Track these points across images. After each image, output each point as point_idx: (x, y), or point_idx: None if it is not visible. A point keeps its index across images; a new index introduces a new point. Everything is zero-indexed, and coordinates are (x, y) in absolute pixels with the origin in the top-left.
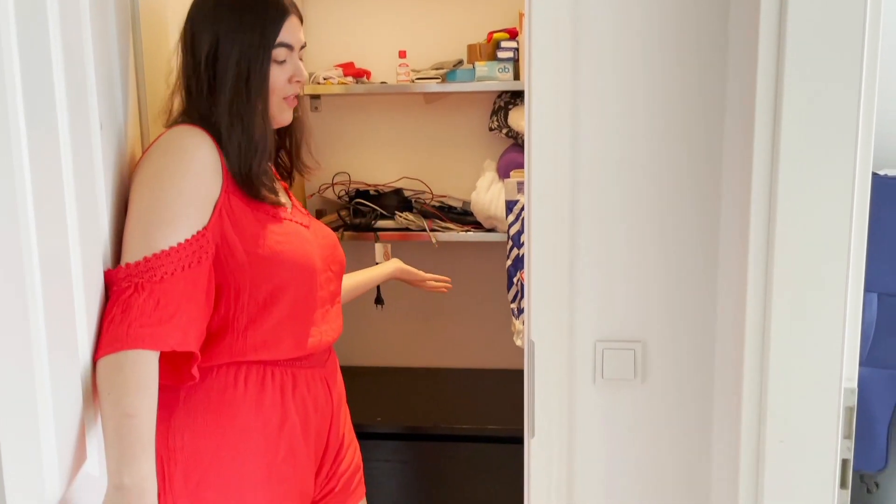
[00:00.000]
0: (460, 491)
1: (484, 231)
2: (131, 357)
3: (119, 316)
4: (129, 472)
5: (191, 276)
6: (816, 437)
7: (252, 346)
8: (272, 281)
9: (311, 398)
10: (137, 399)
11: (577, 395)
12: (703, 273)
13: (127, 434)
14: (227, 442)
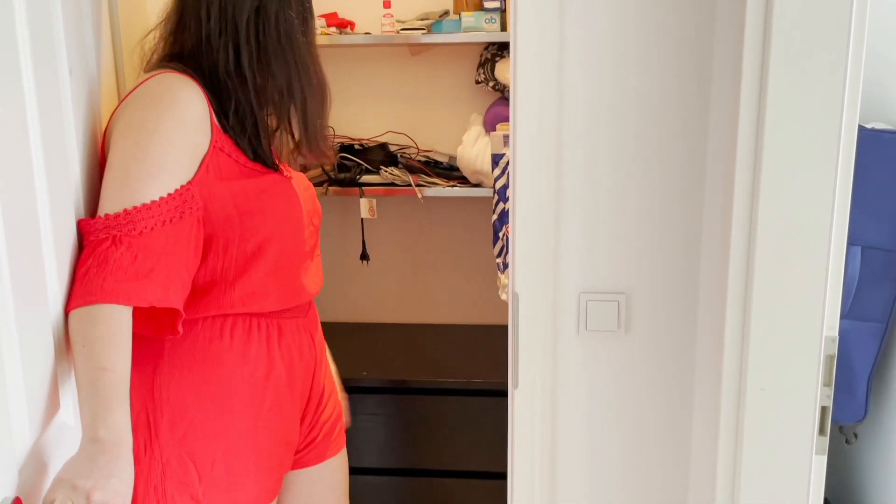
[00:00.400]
0: (446, 443)
1: (470, 186)
2: (105, 311)
3: (95, 269)
4: (105, 424)
5: (172, 231)
6: (797, 384)
7: (240, 299)
8: (260, 234)
9: (297, 348)
10: (112, 352)
11: (560, 347)
12: (688, 225)
13: (102, 388)
14: (213, 393)
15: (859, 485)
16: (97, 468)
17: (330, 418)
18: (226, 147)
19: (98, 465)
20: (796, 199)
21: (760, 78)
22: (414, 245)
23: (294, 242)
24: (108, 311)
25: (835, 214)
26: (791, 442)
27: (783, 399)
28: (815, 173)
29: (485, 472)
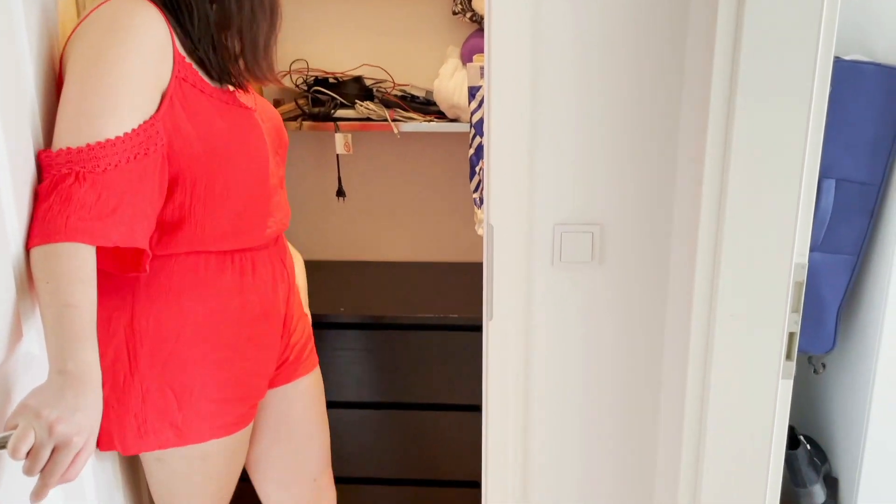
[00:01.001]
0: (423, 376)
1: (447, 121)
2: (70, 249)
3: (58, 206)
4: (73, 358)
5: (137, 169)
6: (766, 311)
7: (211, 237)
8: (227, 171)
9: (270, 278)
10: (77, 289)
11: (535, 278)
12: (662, 156)
13: (69, 323)
14: (190, 325)
15: (825, 414)
16: (63, 400)
17: (300, 340)
18: (189, 77)
19: (65, 397)
20: (770, 128)
21: (736, 8)
22: (390, 181)
23: (262, 178)
24: (73, 249)
25: (808, 143)
26: (758, 367)
27: (752, 325)
28: (789, 103)
29: (461, 404)
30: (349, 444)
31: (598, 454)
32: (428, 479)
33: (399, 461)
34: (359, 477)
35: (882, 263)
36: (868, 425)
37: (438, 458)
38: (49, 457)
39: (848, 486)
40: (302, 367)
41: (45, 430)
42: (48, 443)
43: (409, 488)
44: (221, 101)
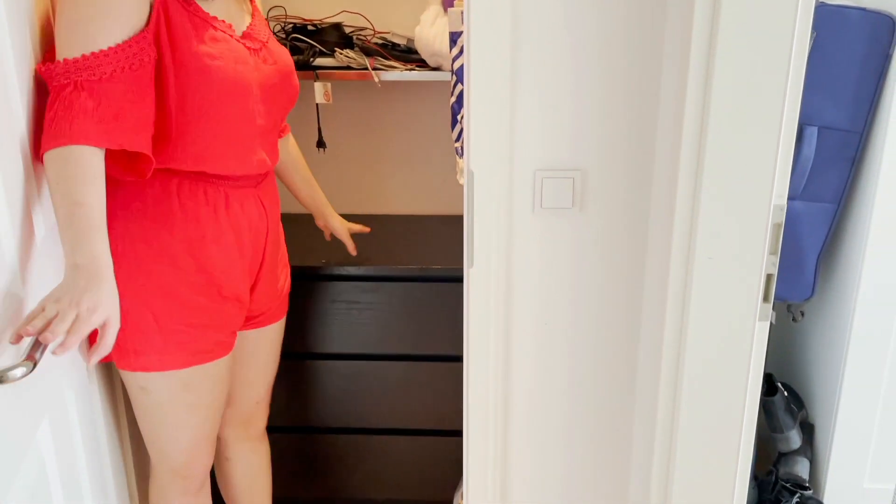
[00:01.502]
0: (406, 328)
1: (429, 69)
2: (76, 152)
3: (62, 112)
4: (82, 252)
5: (132, 78)
6: (744, 252)
7: (184, 156)
8: (201, 95)
9: (245, 216)
10: (86, 188)
11: (515, 225)
12: (643, 101)
13: (78, 220)
14: (166, 249)
15: (803, 362)
16: (77, 288)
17: (282, 290)
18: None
19: (79, 286)
20: (751, 71)
21: None
22: (371, 131)
23: (241, 113)
24: (79, 152)
25: (789, 84)
26: (736, 309)
27: (730, 267)
28: (770, 46)
29: (444, 355)
30: (331, 395)
31: (578, 397)
32: (411, 429)
33: (381, 412)
34: (340, 427)
35: (862, 211)
36: (844, 372)
37: (421, 409)
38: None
39: (823, 432)
40: (276, 315)
41: (66, 305)
42: (69, 313)
43: (392, 438)
44: (206, 28)
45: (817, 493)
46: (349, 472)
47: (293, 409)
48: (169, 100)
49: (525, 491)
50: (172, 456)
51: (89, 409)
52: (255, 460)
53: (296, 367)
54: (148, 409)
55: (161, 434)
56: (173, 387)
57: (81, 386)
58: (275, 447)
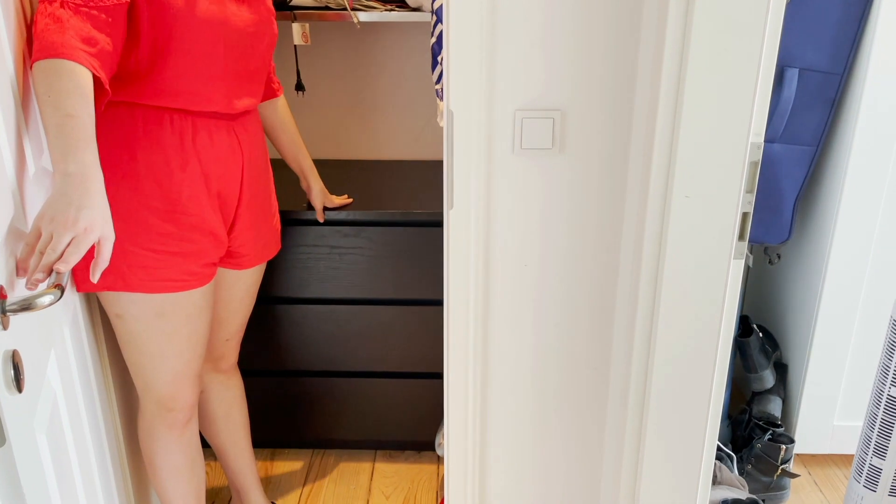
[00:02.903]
0: (388, 272)
1: (409, 10)
2: (68, 66)
3: (52, 25)
4: (74, 160)
5: (112, 11)
6: (720, 190)
7: (151, 91)
8: (176, 35)
9: (214, 147)
10: (77, 101)
11: (495, 165)
12: (624, 41)
13: (70, 131)
14: (128, 174)
15: (778, 304)
16: (70, 202)
17: (267, 234)
18: None
19: (71, 199)
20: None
21: None
22: (351, 74)
23: (215, 51)
24: (71, 67)
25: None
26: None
27: (706, 205)
28: None
29: (425, 299)
30: (313, 339)
31: (557, 336)
32: (393, 372)
33: (364, 356)
34: (323, 371)
35: (840, 154)
36: (818, 314)
37: (403, 352)
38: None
39: (796, 372)
40: (256, 259)
41: (61, 226)
42: (65, 235)
43: (375, 381)
44: None
45: (789, 430)
46: (332, 415)
47: (275, 353)
48: (142, 37)
49: (504, 431)
50: (156, 387)
51: (80, 345)
52: (227, 395)
53: (278, 311)
54: (125, 338)
55: (142, 363)
56: (146, 314)
57: (73, 322)
58: (257, 390)
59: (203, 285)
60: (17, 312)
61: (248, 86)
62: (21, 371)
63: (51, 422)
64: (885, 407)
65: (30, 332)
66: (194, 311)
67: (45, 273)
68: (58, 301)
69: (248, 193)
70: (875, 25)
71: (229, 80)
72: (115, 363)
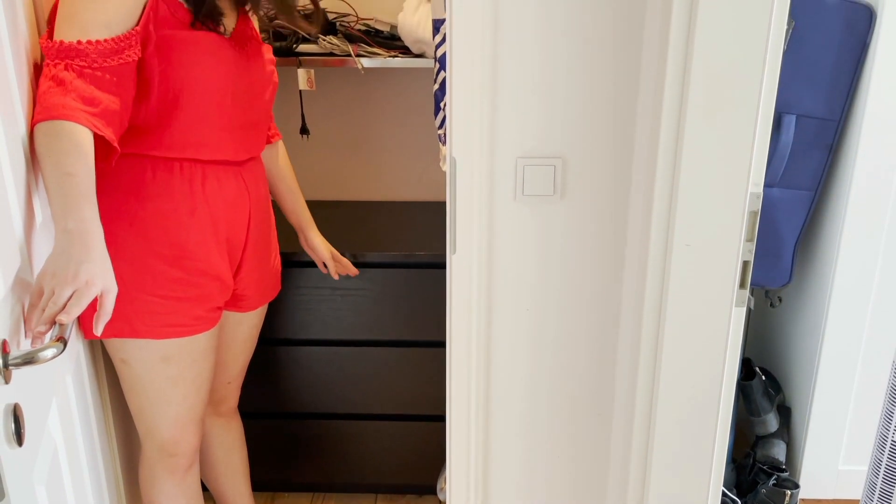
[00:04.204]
0: (389, 314)
1: (412, 56)
2: (67, 127)
3: (54, 87)
4: (73, 217)
5: (118, 71)
6: (720, 239)
7: (161, 143)
8: (179, 84)
9: (223, 192)
10: (76, 161)
11: (497, 212)
12: (623, 90)
13: (69, 189)
14: (137, 221)
15: (781, 347)
16: (71, 257)
17: (270, 275)
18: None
19: (71, 254)
20: (728, 60)
21: None
22: (355, 118)
23: (220, 104)
24: (71, 127)
25: (765, 72)
26: (712, 295)
27: (707, 254)
28: (746, 33)
29: (427, 341)
30: (315, 381)
31: (559, 382)
32: (394, 415)
33: (365, 398)
34: (324, 413)
35: (838, 199)
36: (820, 357)
37: (404, 394)
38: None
39: (800, 415)
40: (259, 301)
41: (62, 281)
42: (67, 289)
43: (375, 423)
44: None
45: (793, 475)
46: (333, 458)
47: (276, 395)
48: (152, 92)
49: (506, 474)
50: (159, 432)
51: (83, 393)
52: (227, 438)
53: (279, 353)
54: (130, 383)
55: (145, 409)
56: (152, 358)
57: (77, 371)
58: (258, 432)
59: (209, 329)
60: (19, 366)
61: (254, 135)
62: (22, 424)
63: (51, 473)
64: (889, 453)
65: (32, 384)
66: (199, 355)
67: (48, 325)
68: (60, 354)
69: (254, 236)
70: (870, 73)
71: (236, 130)
72: (116, 409)
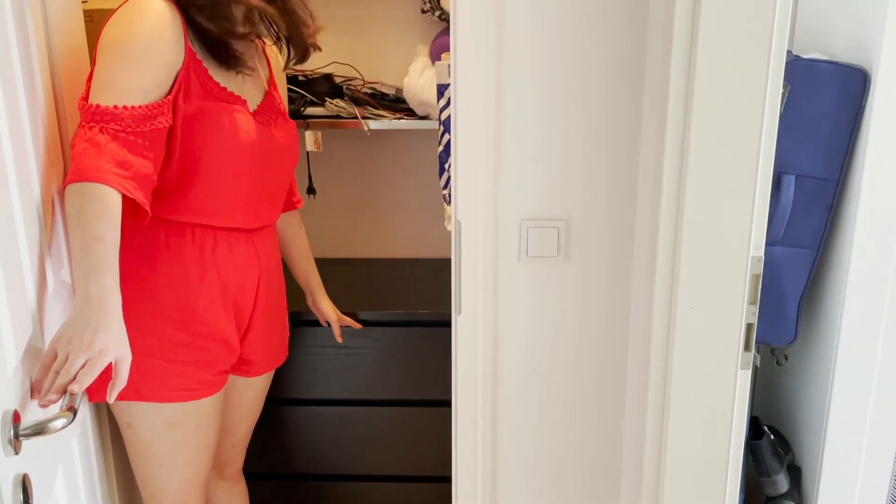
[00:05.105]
0: (395, 373)
1: (417, 118)
2: (99, 189)
3: (90, 149)
4: (95, 284)
5: (151, 137)
6: (724, 303)
7: (178, 210)
8: (204, 160)
9: (233, 258)
10: (105, 225)
11: (502, 273)
12: (624, 153)
13: (94, 254)
14: (147, 285)
15: (789, 405)
16: (88, 324)
17: (279, 340)
18: (196, 69)
19: (88, 320)
20: (726, 126)
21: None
22: (361, 178)
23: (239, 175)
24: (102, 190)
25: (763, 139)
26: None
27: (711, 317)
28: (744, 100)
29: (433, 400)
30: (319, 441)
31: (565, 445)
32: (399, 476)
33: (370, 458)
34: (330, 474)
35: (841, 257)
36: (829, 415)
37: (410, 455)
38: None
39: (810, 475)
40: (267, 366)
41: (76, 348)
42: (80, 357)
43: (380, 484)
44: (220, 99)
45: None
46: None
47: (280, 456)
48: (173, 160)
49: None
50: (164, 497)
51: (88, 458)
52: (232, 502)
53: (284, 413)
54: (135, 447)
55: (150, 473)
56: (157, 423)
57: (83, 435)
58: (261, 495)
59: (214, 394)
60: (29, 437)
61: (269, 205)
62: (30, 495)
63: None
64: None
65: (40, 454)
66: (205, 419)
67: (59, 394)
68: (70, 424)
69: (263, 302)
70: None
71: (252, 201)
72: (120, 472)
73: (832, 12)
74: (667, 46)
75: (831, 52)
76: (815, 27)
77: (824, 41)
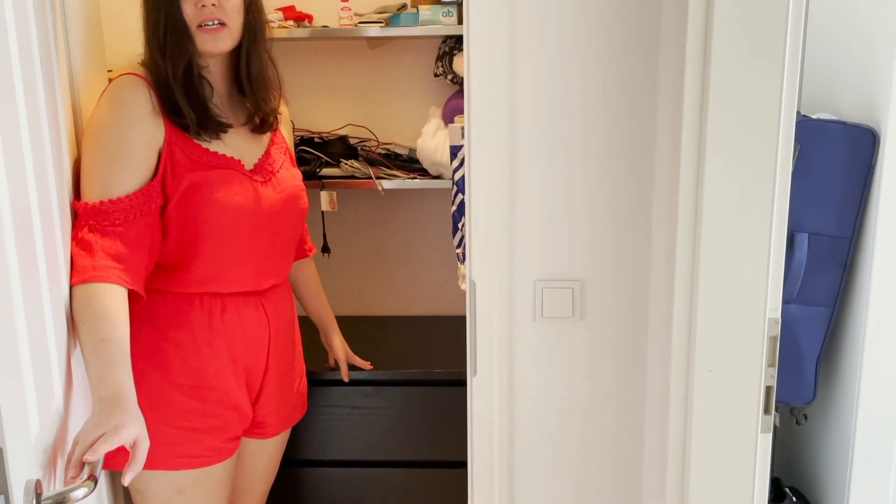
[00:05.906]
0: (409, 433)
1: (430, 178)
2: (99, 288)
3: (84, 250)
4: (106, 385)
5: (142, 223)
6: (742, 365)
7: (179, 281)
8: (200, 231)
9: (242, 323)
10: (110, 325)
11: (517, 334)
12: (639, 214)
13: (103, 355)
14: (156, 353)
15: (810, 465)
16: (106, 424)
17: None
18: (179, 142)
19: (107, 421)
20: (738, 188)
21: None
22: (375, 237)
23: (236, 236)
24: (102, 289)
25: (775, 201)
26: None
27: (729, 380)
28: (755, 161)
29: (448, 461)
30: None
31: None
32: None
33: None
34: None
35: (857, 314)
36: (851, 475)
37: None
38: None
39: None
40: (281, 426)
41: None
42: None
43: None
44: (211, 165)
45: None
46: None
47: None
48: (171, 235)
49: None
50: None
51: None
52: None
53: (296, 475)
54: None
55: None
56: (166, 490)
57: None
58: None
59: (224, 460)
60: None
61: (277, 262)
62: None
63: None
64: None
65: None
66: (214, 486)
67: (77, 470)
68: (91, 493)
69: (275, 364)
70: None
71: (257, 261)
72: None
73: (838, 71)
74: (678, 110)
75: (839, 111)
76: (823, 85)
77: (832, 100)
